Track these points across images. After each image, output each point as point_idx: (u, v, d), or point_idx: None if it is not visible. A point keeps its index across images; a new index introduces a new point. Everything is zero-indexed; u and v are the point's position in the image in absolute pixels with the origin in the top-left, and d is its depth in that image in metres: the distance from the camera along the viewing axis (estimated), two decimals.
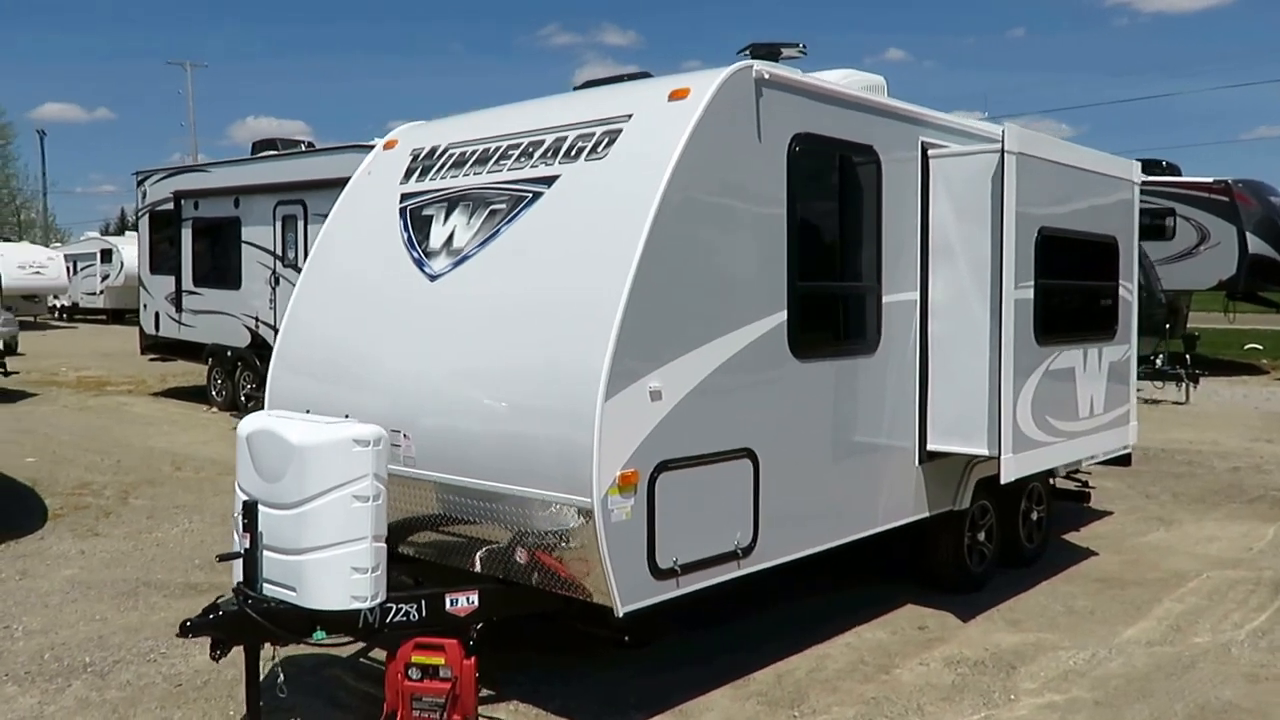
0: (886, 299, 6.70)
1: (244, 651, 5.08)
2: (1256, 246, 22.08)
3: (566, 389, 5.08)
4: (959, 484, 7.42)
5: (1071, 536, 9.49)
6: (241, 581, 5.11)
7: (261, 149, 17.81)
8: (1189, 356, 19.43)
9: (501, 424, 5.39)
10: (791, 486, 5.99)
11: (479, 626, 5.50)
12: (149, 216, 19.09)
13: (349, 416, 5.42)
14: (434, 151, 6.62)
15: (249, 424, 5.32)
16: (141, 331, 19.25)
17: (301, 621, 5.03)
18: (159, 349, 18.97)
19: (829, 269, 6.61)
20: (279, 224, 15.64)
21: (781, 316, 5.88)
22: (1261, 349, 27.51)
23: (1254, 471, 12.57)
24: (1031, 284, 7.00)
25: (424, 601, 5.35)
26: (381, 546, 5.12)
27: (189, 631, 4.89)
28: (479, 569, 5.64)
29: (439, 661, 5.23)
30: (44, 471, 11.98)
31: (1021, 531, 8.40)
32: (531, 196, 5.77)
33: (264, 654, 5.22)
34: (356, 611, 5.06)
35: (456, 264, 5.93)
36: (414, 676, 5.21)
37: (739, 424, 5.67)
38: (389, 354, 6.07)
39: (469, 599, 5.46)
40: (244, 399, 16.08)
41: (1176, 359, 19.23)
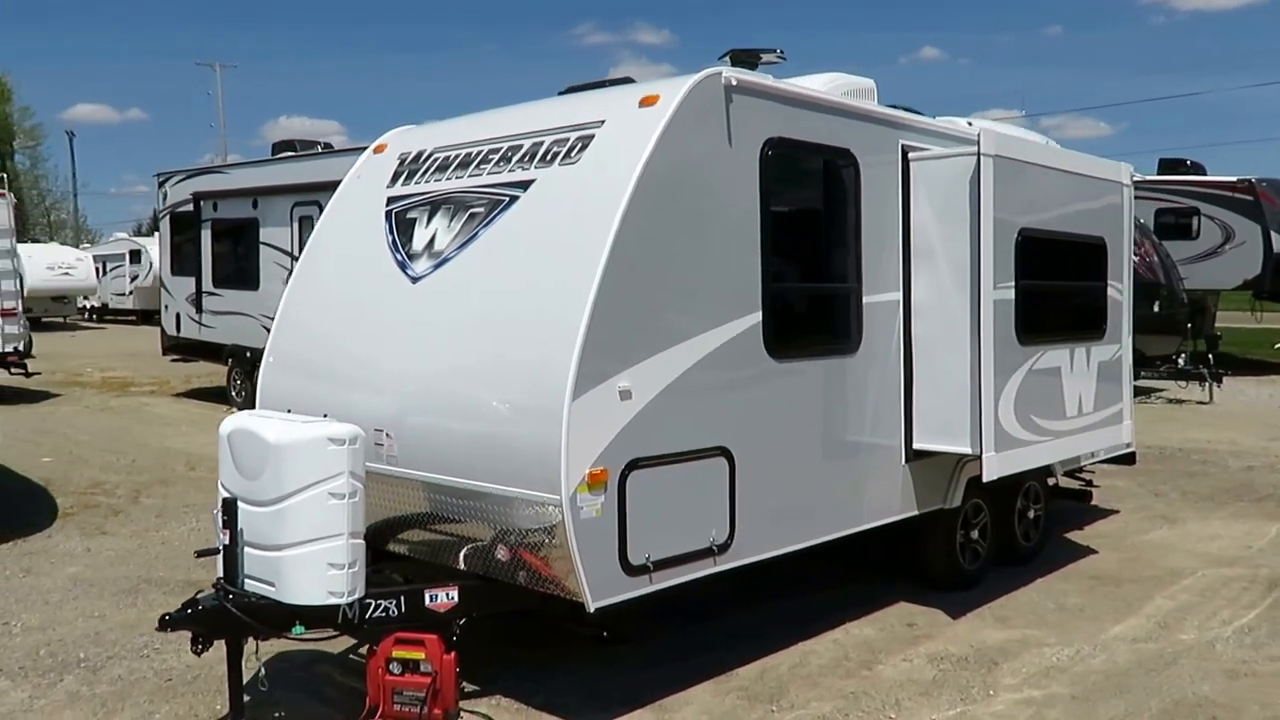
0: (867, 300, 6.74)
1: (226, 646, 5.20)
2: None
3: (536, 389, 5.17)
4: (949, 483, 7.45)
5: (1074, 535, 9.48)
6: (222, 577, 5.23)
7: (280, 150, 17.96)
8: (1211, 356, 19.32)
9: (477, 423, 5.49)
10: (769, 484, 6.04)
11: (462, 622, 5.60)
12: (170, 218, 19.27)
13: (327, 416, 5.53)
14: (420, 155, 6.73)
15: (230, 423, 5.44)
16: (163, 333, 19.42)
17: (280, 616, 5.15)
18: (180, 350, 19.13)
19: (805, 270, 6.67)
20: (296, 225, 15.78)
21: (756, 317, 5.93)
22: None
23: (1267, 471, 12.49)
24: (1012, 284, 7.03)
25: (403, 597, 5.45)
26: (359, 543, 5.23)
27: (168, 625, 5.02)
28: (462, 566, 5.74)
29: (419, 656, 5.33)
30: (59, 471, 12.18)
31: (1018, 530, 8.40)
32: (508, 200, 5.86)
33: (248, 649, 5.33)
34: (335, 607, 5.16)
35: (437, 266, 6.03)
36: (395, 671, 5.32)
37: (713, 423, 5.73)
38: (372, 355, 6.18)
39: (448, 595, 5.56)
40: None
41: (1199, 358, 19.16)
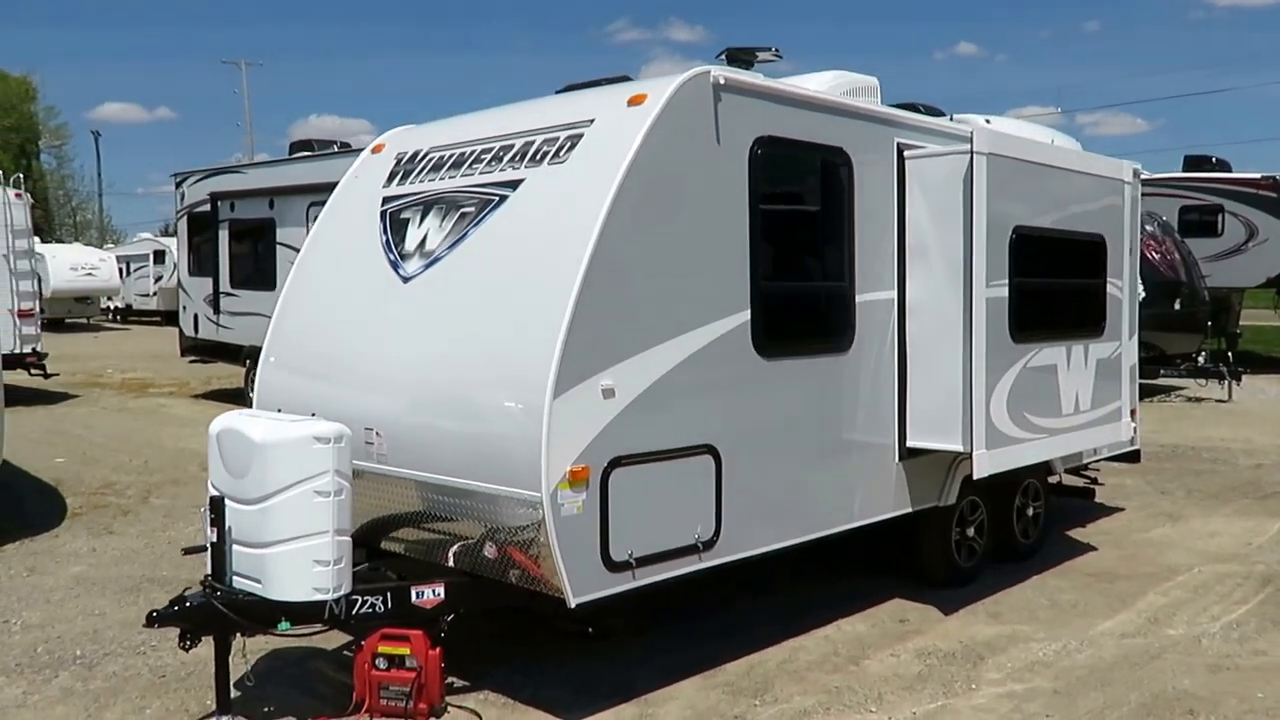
0: (860, 298, 6.75)
1: (213, 642, 5.28)
2: None
3: (519, 387, 5.22)
4: (944, 480, 7.45)
5: (1076, 532, 9.48)
6: (209, 574, 5.31)
7: (298, 150, 17.95)
8: (1230, 354, 19.23)
9: (464, 422, 5.55)
10: (756, 482, 6.07)
11: (450, 618, 5.67)
12: (187, 218, 19.20)
13: (315, 414, 5.60)
14: (415, 155, 6.79)
15: (218, 423, 5.53)
16: (181, 334, 19.34)
17: (267, 612, 5.23)
18: (198, 351, 19.02)
19: (796, 269, 6.70)
20: (311, 225, 15.76)
21: (745, 316, 5.96)
22: None
23: (1276, 469, 12.43)
24: (1005, 282, 7.02)
25: (390, 594, 5.53)
26: (345, 540, 5.30)
27: (155, 622, 5.09)
28: (452, 564, 5.79)
29: (404, 652, 5.41)
30: (71, 471, 12.28)
31: (1016, 527, 8.41)
32: (498, 200, 5.92)
33: (236, 645, 5.41)
34: (321, 603, 5.24)
35: (428, 266, 6.09)
36: (381, 666, 5.41)
37: (699, 421, 5.76)
38: (364, 354, 6.25)
39: (434, 591, 5.62)
40: None
41: (1219, 356, 19.08)
